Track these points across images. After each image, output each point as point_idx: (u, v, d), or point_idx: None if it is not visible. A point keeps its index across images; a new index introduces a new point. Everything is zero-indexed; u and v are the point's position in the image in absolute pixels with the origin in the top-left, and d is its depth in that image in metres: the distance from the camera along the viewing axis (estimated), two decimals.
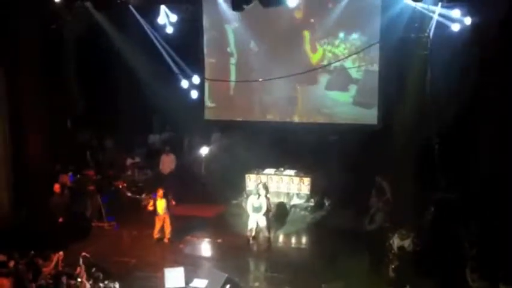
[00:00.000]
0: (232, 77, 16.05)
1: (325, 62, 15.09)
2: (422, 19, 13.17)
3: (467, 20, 12.25)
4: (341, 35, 14.97)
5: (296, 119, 15.84)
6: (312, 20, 15.24)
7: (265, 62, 15.13)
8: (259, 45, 15.58)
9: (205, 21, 15.94)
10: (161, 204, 12.36)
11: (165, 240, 12.48)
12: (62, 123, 15.37)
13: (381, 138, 14.00)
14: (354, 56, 14.76)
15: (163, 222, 12.45)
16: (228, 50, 16.00)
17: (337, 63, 14.89)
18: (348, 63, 14.97)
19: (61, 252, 10.42)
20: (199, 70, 15.82)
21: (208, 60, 16.14)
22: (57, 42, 14.30)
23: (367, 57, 14.83)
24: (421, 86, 13.53)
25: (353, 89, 15.15)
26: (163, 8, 14.19)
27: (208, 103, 16.39)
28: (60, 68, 14.50)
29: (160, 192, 12.39)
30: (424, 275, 9.80)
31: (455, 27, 12.46)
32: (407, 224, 11.10)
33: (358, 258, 11.19)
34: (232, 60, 15.98)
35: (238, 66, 15.92)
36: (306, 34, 15.27)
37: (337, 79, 15.16)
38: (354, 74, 15.04)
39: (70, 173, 13.80)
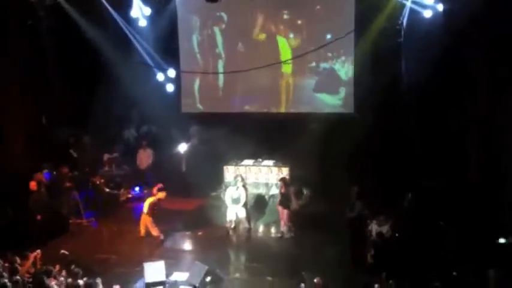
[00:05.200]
0: (221, 77, 16.08)
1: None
2: (395, 7, 13.34)
3: (440, 7, 12.39)
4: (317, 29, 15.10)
5: (274, 110, 15.98)
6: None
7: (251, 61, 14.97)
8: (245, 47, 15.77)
9: (180, 15, 15.90)
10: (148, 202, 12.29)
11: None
12: (39, 121, 15.27)
13: (357, 127, 14.12)
14: (343, 58, 14.95)
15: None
16: (217, 51, 16.03)
17: (327, 65, 15.07)
18: (337, 65, 15.13)
19: (38, 251, 10.38)
20: (175, 63, 15.74)
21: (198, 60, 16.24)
22: (33, 38, 14.17)
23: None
24: (396, 74, 13.67)
25: (343, 91, 15.34)
26: (136, 1, 14.04)
27: (199, 105, 16.50)
28: (36, 64, 14.37)
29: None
30: (402, 261, 9.91)
31: (428, 14, 12.59)
32: (385, 210, 11.32)
33: (338, 245, 11.37)
34: (220, 62, 16.06)
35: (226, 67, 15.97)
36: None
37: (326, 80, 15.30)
38: (344, 76, 15.22)
39: (45, 171, 13.70)
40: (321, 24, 15.02)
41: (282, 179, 12.76)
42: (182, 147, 15.00)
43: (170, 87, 14.76)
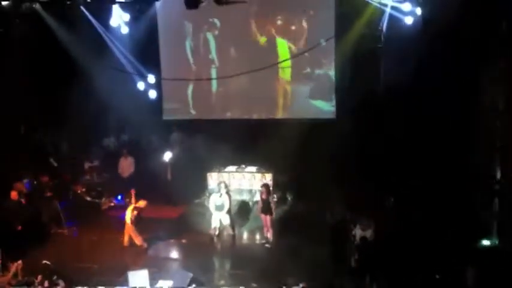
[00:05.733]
0: (214, 82, 16.26)
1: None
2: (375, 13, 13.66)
3: (418, 11, 12.75)
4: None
5: (255, 116, 16.20)
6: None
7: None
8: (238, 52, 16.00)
9: (161, 21, 16.02)
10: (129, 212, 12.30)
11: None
12: (16, 129, 15.26)
13: (339, 131, 14.37)
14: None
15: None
16: (210, 57, 16.23)
17: (321, 71, 15.36)
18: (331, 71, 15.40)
19: (20, 261, 10.41)
20: (156, 69, 15.91)
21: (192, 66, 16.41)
22: (7, 45, 14.15)
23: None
24: (376, 78, 13.99)
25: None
26: (115, 8, 14.16)
27: (192, 110, 16.61)
28: (12, 71, 14.30)
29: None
30: (386, 265, 10.09)
31: (409, 20, 12.92)
32: (368, 214, 11.46)
33: (322, 250, 11.42)
34: (214, 67, 16.24)
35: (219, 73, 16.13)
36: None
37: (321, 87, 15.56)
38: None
39: (26, 180, 13.69)
40: (315, 30, 15.30)
41: (264, 185, 12.80)
42: (167, 156, 15.01)
43: (153, 94, 14.85)
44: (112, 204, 14.97)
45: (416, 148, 13.31)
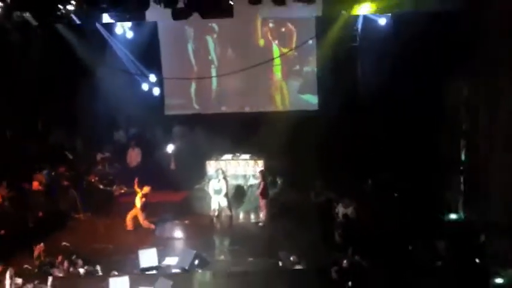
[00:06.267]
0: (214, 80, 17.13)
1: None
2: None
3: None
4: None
5: (247, 109, 17.24)
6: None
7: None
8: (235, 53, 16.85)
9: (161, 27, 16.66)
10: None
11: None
12: (34, 125, 15.99)
13: (322, 123, 15.28)
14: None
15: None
16: (209, 58, 17.11)
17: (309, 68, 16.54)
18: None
19: (42, 244, 11.10)
20: (158, 69, 16.72)
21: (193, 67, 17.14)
22: (23, 51, 14.78)
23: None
24: (353, 75, 15.07)
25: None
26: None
27: (195, 105, 17.45)
28: (24, 72, 14.94)
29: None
30: (365, 238, 10.98)
31: (382, 22, 13.67)
32: (349, 195, 12.39)
33: (310, 227, 12.35)
34: (213, 67, 17.16)
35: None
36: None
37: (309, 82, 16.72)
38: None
39: (45, 171, 14.34)
40: (304, 31, 16.09)
41: (261, 172, 13.75)
42: (170, 148, 15.95)
43: (156, 91, 15.76)
44: (123, 191, 15.38)
45: (392, 136, 14.22)
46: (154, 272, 10.71)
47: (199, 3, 11.91)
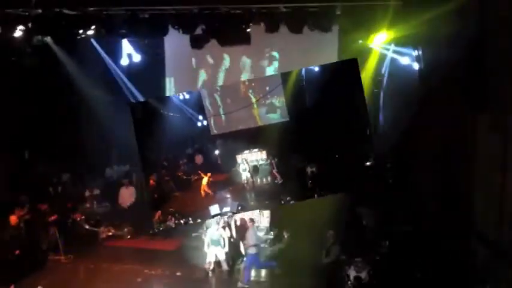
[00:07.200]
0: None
1: None
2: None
3: (416, 65, 13.52)
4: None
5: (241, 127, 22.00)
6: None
7: None
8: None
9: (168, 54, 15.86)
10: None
11: None
12: (21, 155, 15.28)
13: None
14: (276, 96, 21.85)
15: None
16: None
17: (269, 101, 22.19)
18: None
19: (12, 286, 10.59)
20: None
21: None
22: (17, 74, 14.19)
23: None
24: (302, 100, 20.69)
25: (278, 111, 22.29)
26: (125, 45, 14.48)
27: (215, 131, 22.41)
28: (19, 99, 14.35)
29: None
30: None
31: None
32: (363, 256, 11.43)
33: None
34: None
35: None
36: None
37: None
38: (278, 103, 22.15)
39: (26, 205, 13.52)
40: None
41: (267, 156, 19.33)
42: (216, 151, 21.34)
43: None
44: (110, 233, 14.71)
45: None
46: None
47: (217, 31, 12.30)
